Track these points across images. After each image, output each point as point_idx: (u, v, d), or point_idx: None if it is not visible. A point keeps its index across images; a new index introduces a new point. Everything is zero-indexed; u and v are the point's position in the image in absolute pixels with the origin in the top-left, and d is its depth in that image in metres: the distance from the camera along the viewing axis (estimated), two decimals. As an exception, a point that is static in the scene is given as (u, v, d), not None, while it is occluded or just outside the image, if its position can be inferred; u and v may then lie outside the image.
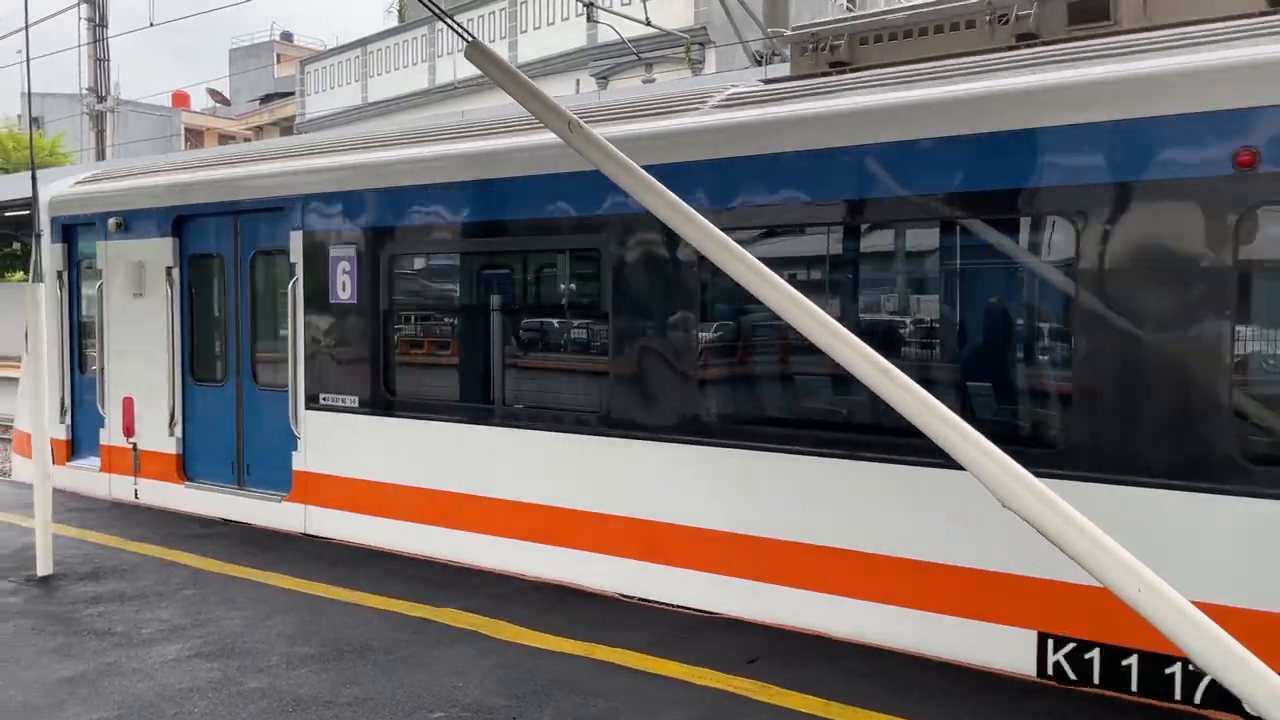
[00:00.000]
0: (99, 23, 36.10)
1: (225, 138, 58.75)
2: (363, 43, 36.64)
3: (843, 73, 6.63)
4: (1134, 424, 4.93)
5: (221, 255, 9.08)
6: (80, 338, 10.37)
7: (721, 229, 4.26)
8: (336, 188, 8.11)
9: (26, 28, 7.36)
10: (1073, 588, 4.88)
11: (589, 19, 14.32)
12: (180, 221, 9.30)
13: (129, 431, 9.66)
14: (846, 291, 5.96)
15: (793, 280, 4.60)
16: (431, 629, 5.97)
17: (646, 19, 14.78)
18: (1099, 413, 5.02)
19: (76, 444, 10.37)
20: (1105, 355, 5.00)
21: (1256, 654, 3.06)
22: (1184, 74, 4.84)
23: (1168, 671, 4.83)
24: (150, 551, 7.76)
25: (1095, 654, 5.02)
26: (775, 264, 4.53)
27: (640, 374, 6.59)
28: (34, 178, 7.16)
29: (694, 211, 4.29)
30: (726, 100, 6.58)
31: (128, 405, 9.67)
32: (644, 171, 4.39)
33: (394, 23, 40.12)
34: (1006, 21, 6.03)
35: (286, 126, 44.53)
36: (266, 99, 53.70)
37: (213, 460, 9.20)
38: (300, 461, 8.39)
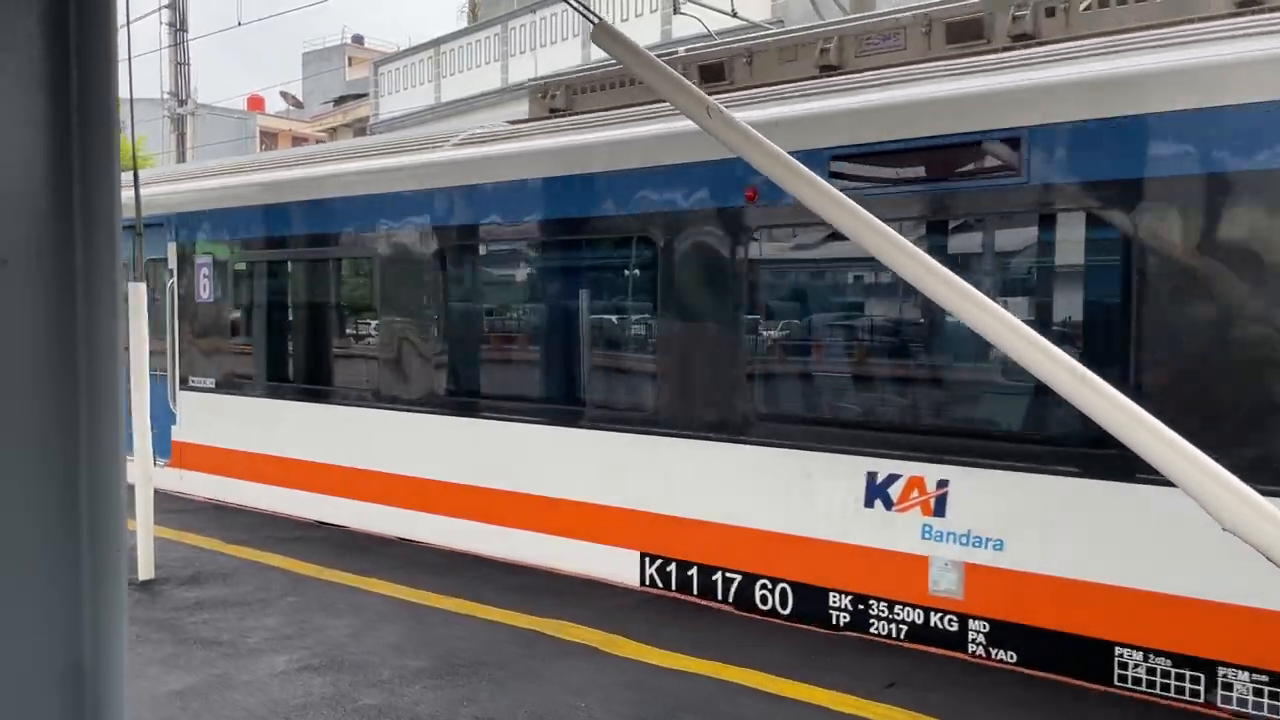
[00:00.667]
0: (179, 27, 36.85)
1: (299, 139, 59.70)
2: (436, 43, 36.80)
3: (559, 117, 8.04)
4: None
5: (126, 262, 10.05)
6: None
7: (448, 244, 7.62)
8: (197, 207, 10.03)
9: (128, 25, 7.24)
10: (663, 518, 6.70)
11: (675, 10, 13.99)
12: None
13: None
14: (535, 292, 7.94)
15: (506, 284, 8.20)
16: (543, 643, 5.71)
17: (732, 10, 14.40)
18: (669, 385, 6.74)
19: None
20: (671, 345, 6.73)
21: None
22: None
23: (713, 578, 6.48)
24: (248, 555, 7.63)
25: (673, 568, 6.68)
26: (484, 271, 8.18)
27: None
28: (136, 177, 7.06)
29: (847, 198, 3.96)
30: (464, 139, 8.22)
31: None
32: (790, 157, 4.07)
33: (465, 23, 40.25)
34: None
35: (360, 128, 44.93)
36: (340, 101, 54.33)
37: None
38: (177, 433, 10.18)
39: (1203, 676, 4.75)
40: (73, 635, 3.25)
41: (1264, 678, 4.59)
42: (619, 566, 6.89)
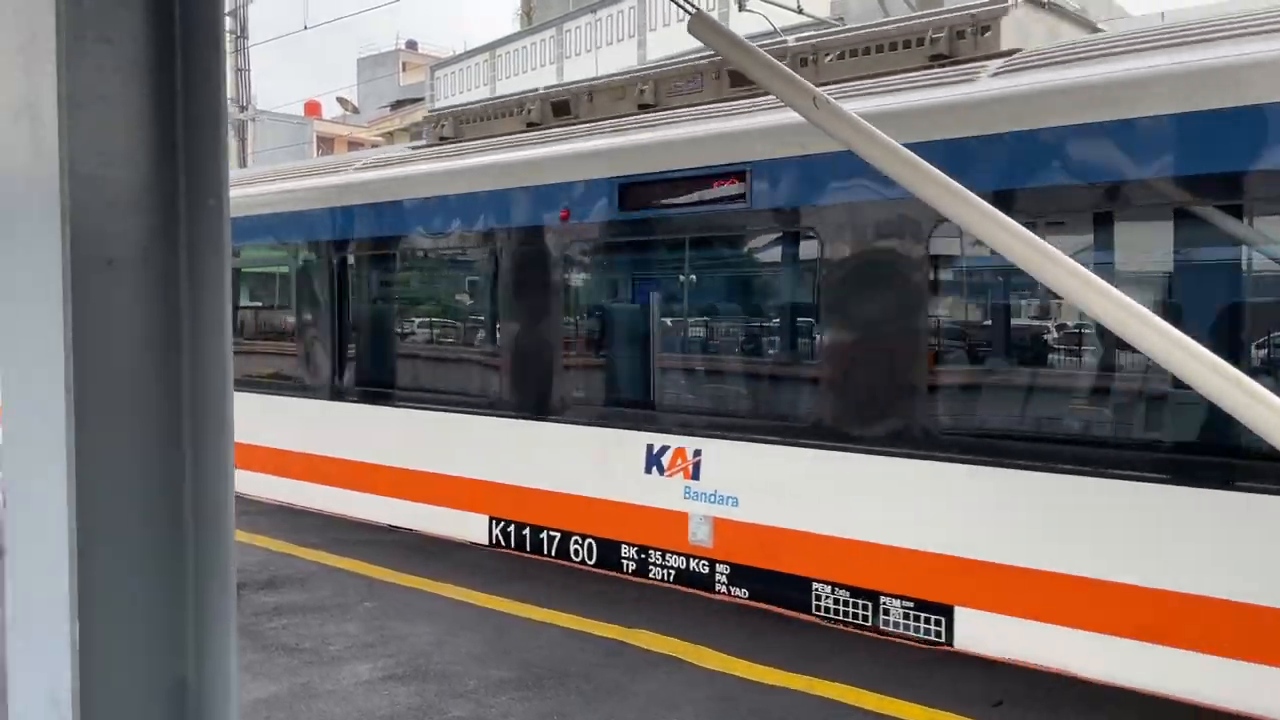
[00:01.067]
0: (240, 34, 37.38)
1: (354, 144, 60.40)
2: (491, 46, 36.95)
3: (445, 144, 9.21)
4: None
5: None
6: None
7: (349, 255, 9.35)
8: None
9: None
10: (508, 488, 7.87)
11: (740, 8, 13.78)
12: None
13: None
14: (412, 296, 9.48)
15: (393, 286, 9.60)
16: (627, 652, 5.55)
17: (798, 6, 14.16)
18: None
19: None
20: (514, 339, 7.97)
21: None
22: (530, 162, 7.92)
23: (540, 536, 7.64)
24: (323, 559, 7.58)
25: (512, 529, 7.86)
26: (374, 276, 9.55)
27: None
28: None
29: (968, 191, 3.76)
30: (367, 163, 9.62)
31: None
32: (906, 150, 3.87)
33: (521, 26, 40.34)
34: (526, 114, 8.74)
35: (417, 131, 45.23)
36: (397, 105, 54.84)
37: None
38: None
39: (871, 604, 6.03)
40: (177, 652, 3.08)
41: (910, 603, 5.84)
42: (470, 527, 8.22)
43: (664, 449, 6.95)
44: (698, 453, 6.74)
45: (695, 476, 6.75)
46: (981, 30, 6.37)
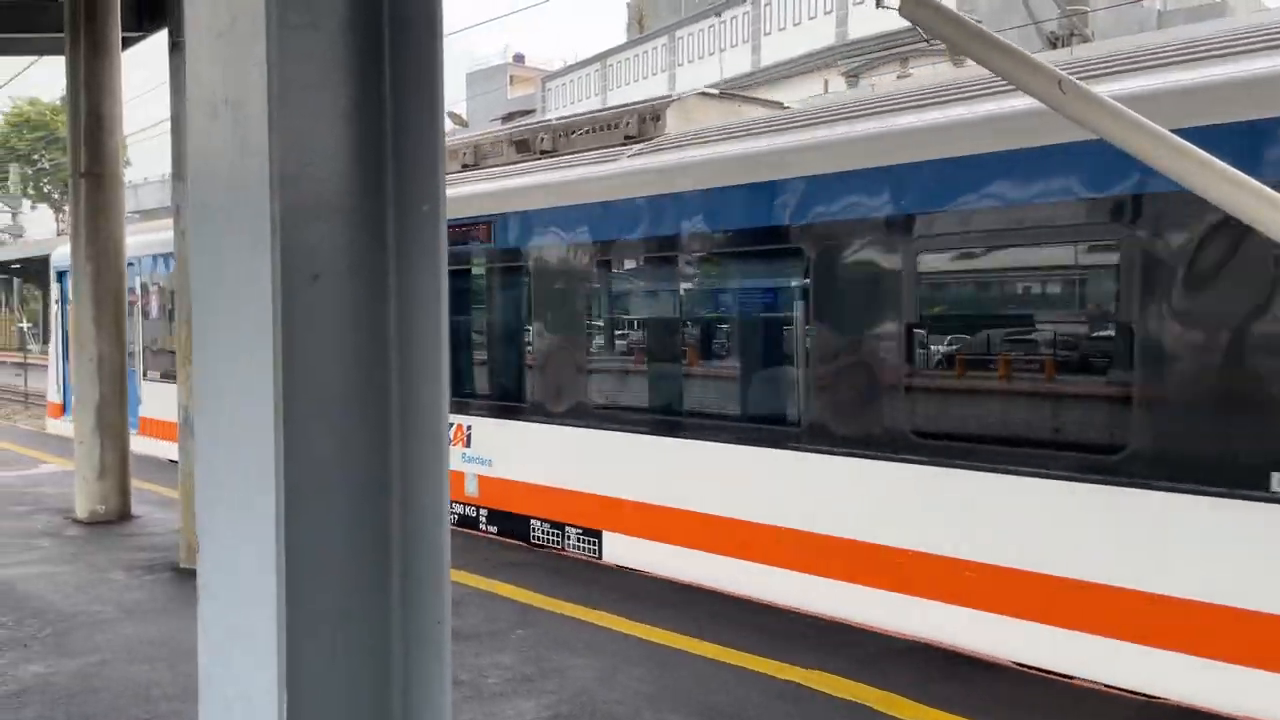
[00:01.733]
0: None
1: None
2: (602, 56, 36.91)
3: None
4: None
5: None
6: None
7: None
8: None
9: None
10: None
11: (878, 4, 13.23)
12: None
13: None
14: None
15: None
16: (811, 699, 5.09)
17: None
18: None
19: None
20: None
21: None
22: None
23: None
24: (468, 580, 7.31)
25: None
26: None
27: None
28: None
29: (1242, 175, 3.24)
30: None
31: None
32: (1166, 132, 3.37)
33: (629, 36, 40.27)
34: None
35: (527, 143, 45.48)
36: (508, 117, 55.37)
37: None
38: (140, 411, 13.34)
39: (559, 532, 8.41)
40: (381, 698, 2.63)
41: (579, 530, 8.22)
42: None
43: (450, 424, 9.12)
44: (469, 428, 9.13)
45: (468, 445, 9.13)
46: (654, 118, 8.42)
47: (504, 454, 8.89)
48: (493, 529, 8.96)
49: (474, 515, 9.10)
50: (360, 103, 2.41)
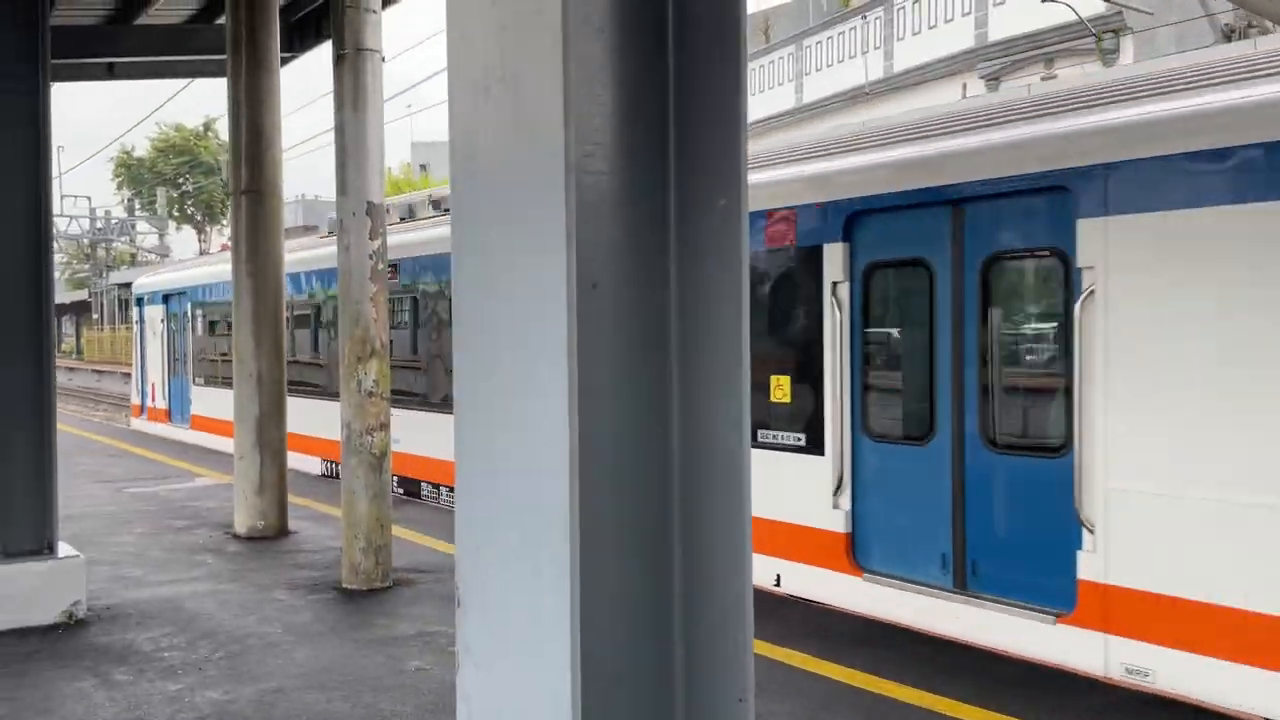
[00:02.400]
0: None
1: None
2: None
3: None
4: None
5: None
6: None
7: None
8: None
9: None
10: (325, 443, 12.19)
11: (1044, -1, 12.48)
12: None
13: None
14: None
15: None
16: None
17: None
18: None
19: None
20: None
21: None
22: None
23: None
24: None
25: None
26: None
27: None
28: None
29: None
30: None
31: None
32: None
33: (758, 45, 39.84)
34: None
35: (649, 157, 45.51)
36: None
37: None
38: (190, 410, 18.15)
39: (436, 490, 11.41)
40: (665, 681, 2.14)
41: (436, 487, 11.37)
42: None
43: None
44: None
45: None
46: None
47: (406, 434, 10.95)
48: (399, 490, 11.08)
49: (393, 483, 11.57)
50: (639, 96, 2.03)
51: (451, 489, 10.19)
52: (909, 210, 6.58)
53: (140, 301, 20.06)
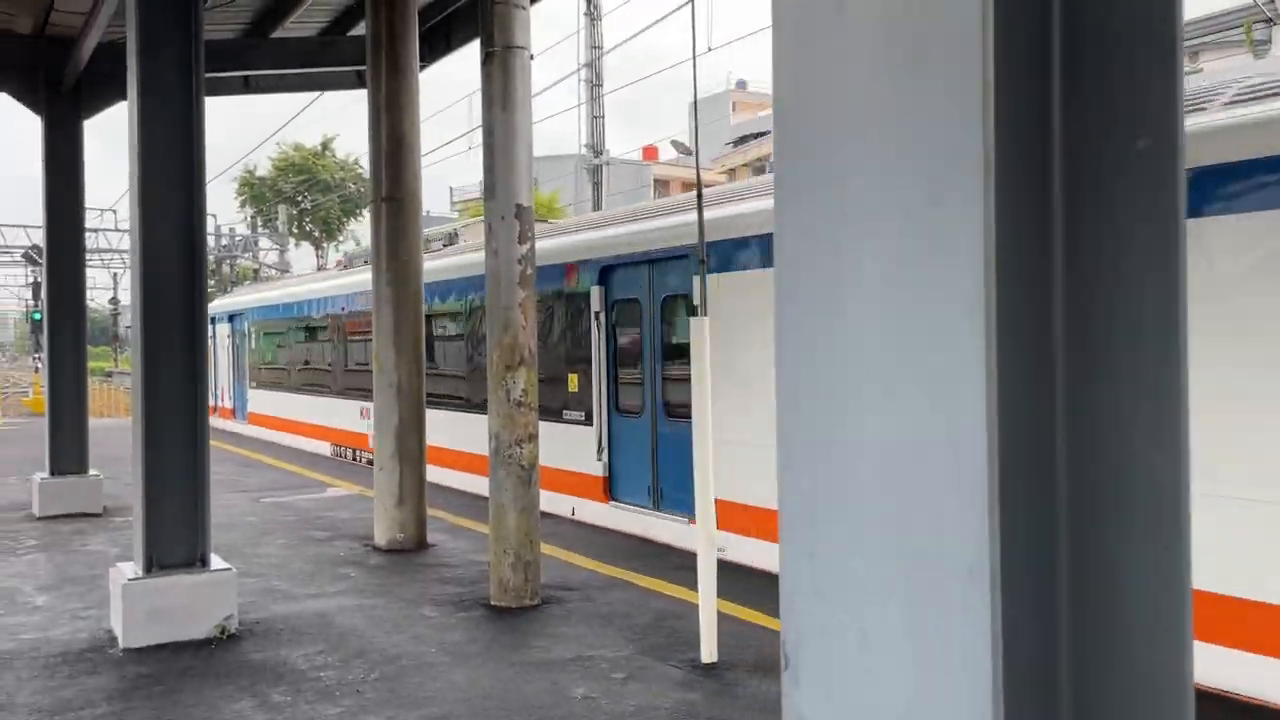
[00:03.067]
0: (596, 82, 38.83)
1: (688, 186, 61.55)
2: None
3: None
4: None
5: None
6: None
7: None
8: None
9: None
10: (335, 431, 17.51)
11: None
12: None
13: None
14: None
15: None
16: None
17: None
18: None
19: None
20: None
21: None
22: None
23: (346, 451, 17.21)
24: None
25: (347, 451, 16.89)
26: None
27: None
28: (700, 198, 6.23)
29: None
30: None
31: None
32: None
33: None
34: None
35: (759, 167, 45.05)
36: (740, 141, 55.15)
37: None
38: (248, 409, 23.07)
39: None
40: None
41: (337, 448, 17.44)
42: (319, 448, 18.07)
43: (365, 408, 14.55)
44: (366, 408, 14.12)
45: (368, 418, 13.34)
46: (453, 237, 15.91)
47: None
48: (343, 456, 17.11)
49: (351, 456, 17.04)
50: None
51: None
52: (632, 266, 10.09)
53: (213, 320, 24.20)
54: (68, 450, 11.68)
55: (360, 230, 62.22)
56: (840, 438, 1.54)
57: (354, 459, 16.36)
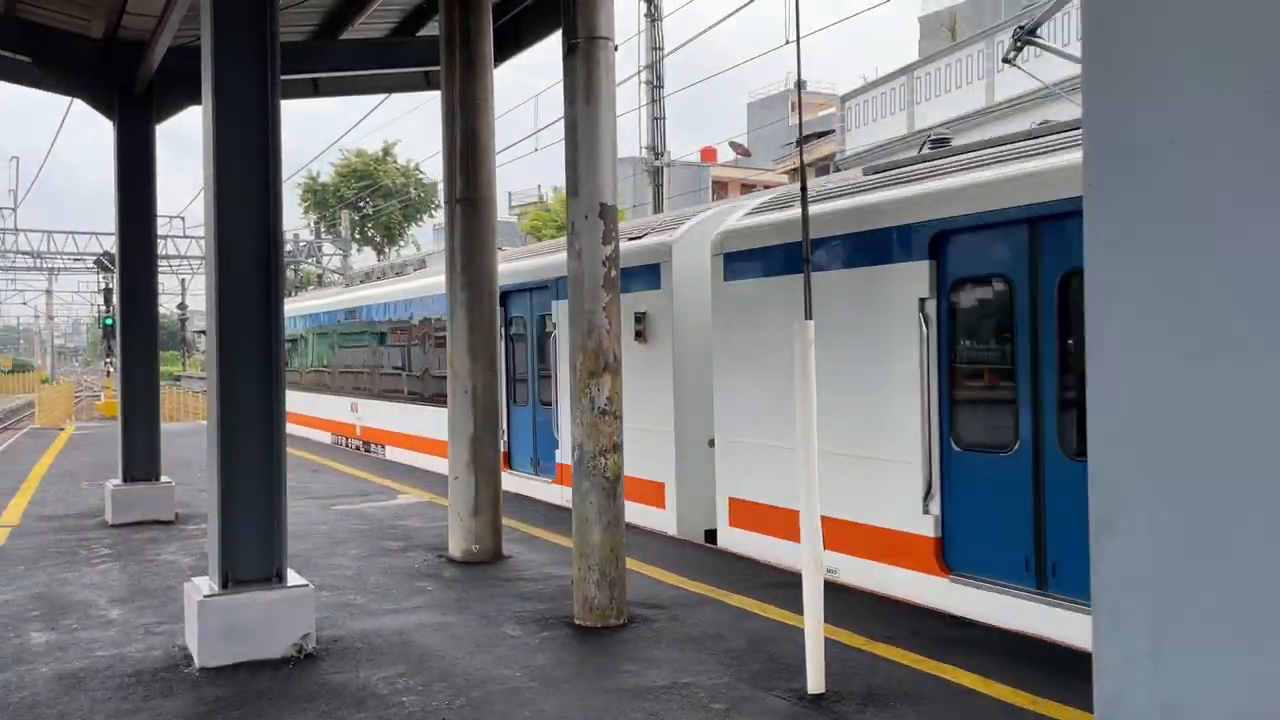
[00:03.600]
0: (656, 84, 38.50)
1: (748, 186, 60.89)
2: (908, 69, 35.06)
3: None
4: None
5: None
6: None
7: None
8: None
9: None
10: (332, 423, 21.35)
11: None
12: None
13: None
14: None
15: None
16: None
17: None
18: None
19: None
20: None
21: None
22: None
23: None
24: (914, 662, 6.03)
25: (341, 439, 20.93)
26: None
27: None
28: (804, 193, 5.82)
29: None
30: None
31: None
32: None
33: (921, 53, 38.16)
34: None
35: (823, 166, 44.36)
36: (803, 140, 54.38)
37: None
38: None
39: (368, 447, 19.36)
40: None
41: (335, 438, 21.58)
42: None
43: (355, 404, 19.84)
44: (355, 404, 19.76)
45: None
46: (422, 264, 20.61)
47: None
48: (362, 448, 19.44)
49: (360, 448, 19.80)
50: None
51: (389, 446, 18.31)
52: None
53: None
54: (140, 457, 11.59)
55: (420, 234, 62.66)
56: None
57: (345, 445, 20.37)
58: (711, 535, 9.82)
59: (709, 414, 9.58)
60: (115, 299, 11.94)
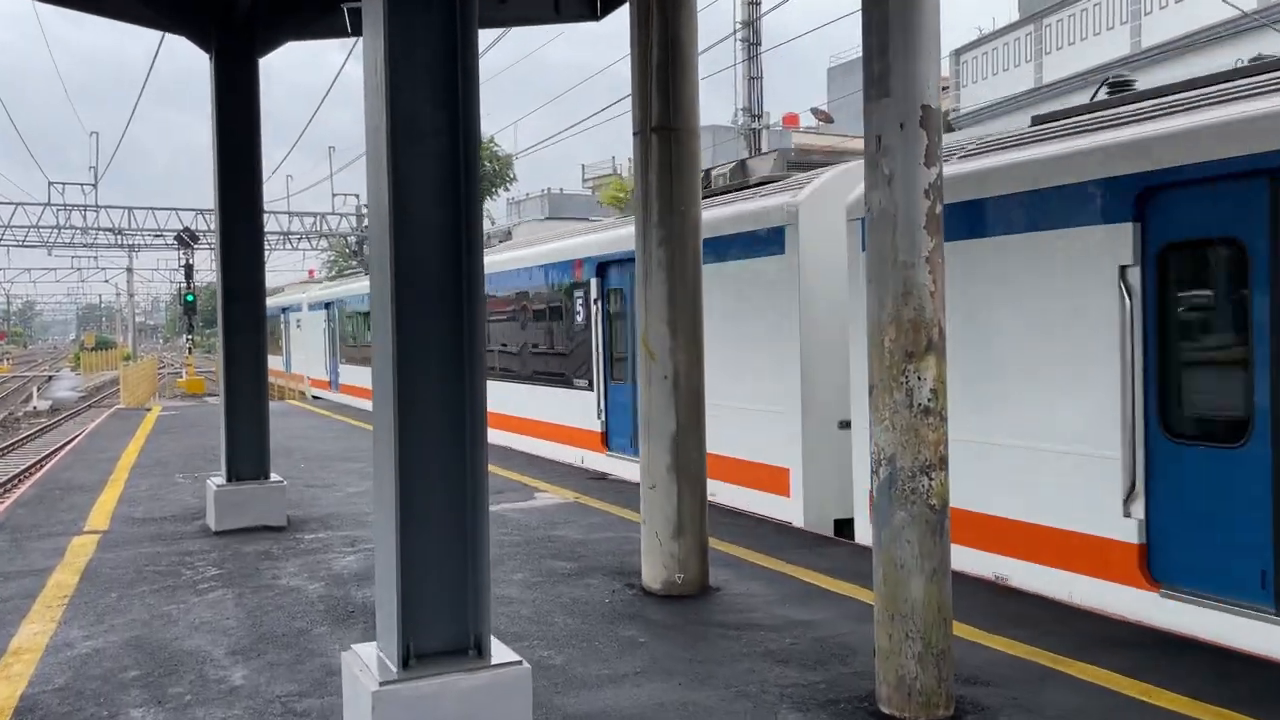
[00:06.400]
0: (754, 42, 36.09)
1: (831, 153, 58.07)
2: (1036, 17, 32.20)
3: None
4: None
5: None
6: None
7: None
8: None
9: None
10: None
11: None
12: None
13: None
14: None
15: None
16: None
17: None
18: None
19: None
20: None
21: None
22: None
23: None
24: (1049, 662, 3.90)
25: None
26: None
27: None
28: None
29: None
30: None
31: None
32: None
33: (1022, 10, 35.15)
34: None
35: (931, 126, 41.49)
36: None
37: None
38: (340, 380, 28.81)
39: None
40: None
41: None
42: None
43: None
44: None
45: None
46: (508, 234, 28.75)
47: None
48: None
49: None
50: None
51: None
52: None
53: (313, 307, 31.96)
54: (246, 453, 9.81)
55: (495, 210, 60.83)
56: None
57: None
58: (840, 526, 9.16)
59: (835, 393, 8.85)
60: (216, 264, 10.10)
